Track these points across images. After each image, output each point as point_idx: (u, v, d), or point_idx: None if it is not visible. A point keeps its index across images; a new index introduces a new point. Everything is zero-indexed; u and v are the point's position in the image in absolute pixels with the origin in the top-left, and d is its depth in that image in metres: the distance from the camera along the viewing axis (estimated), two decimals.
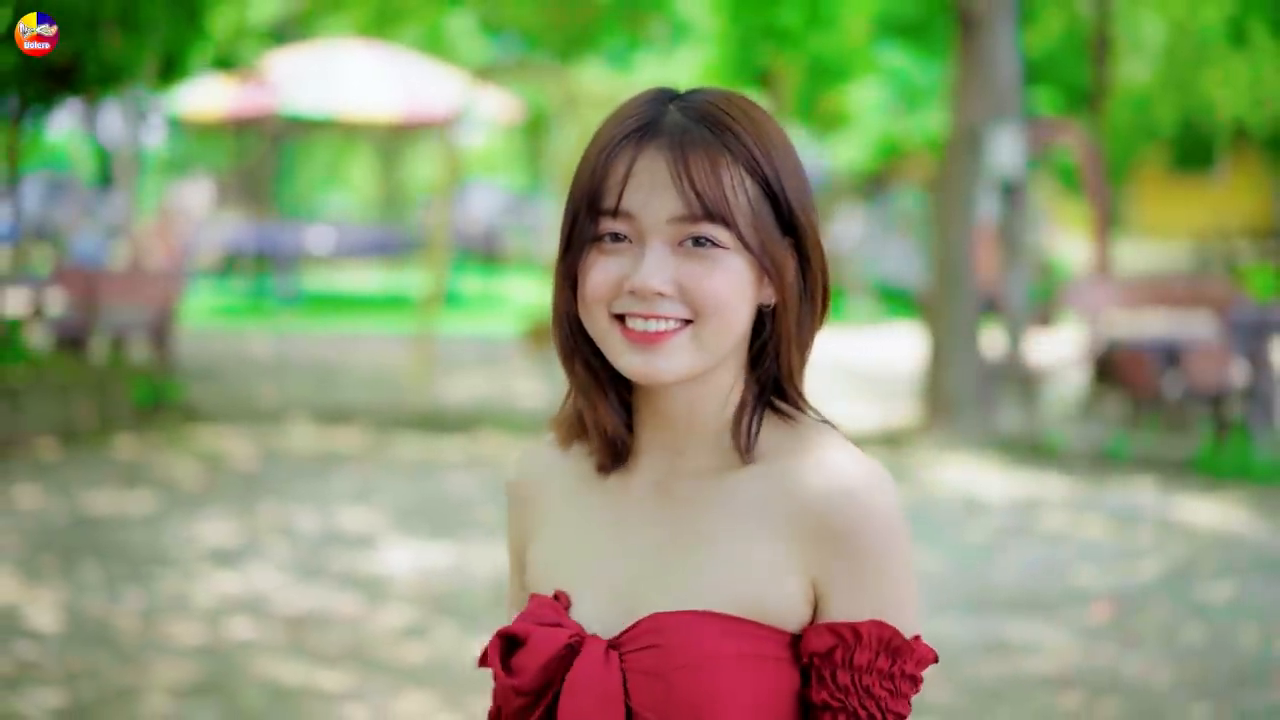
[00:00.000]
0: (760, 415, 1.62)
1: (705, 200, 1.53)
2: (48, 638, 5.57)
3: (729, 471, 1.60)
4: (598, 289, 1.56)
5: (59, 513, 7.56)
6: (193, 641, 5.57)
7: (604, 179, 1.56)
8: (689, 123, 1.56)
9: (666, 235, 1.54)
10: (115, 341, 11.28)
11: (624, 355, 1.56)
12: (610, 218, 1.56)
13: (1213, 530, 7.72)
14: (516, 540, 1.73)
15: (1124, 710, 5.04)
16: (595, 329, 1.58)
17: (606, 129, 1.60)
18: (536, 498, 1.70)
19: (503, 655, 1.59)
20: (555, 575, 1.64)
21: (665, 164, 1.54)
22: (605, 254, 1.57)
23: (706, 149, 1.54)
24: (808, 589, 1.54)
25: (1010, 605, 6.29)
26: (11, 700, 4.90)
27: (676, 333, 1.54)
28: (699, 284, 1.53)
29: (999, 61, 10.43)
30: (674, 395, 1.60)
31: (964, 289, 10.38)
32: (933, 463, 9.46)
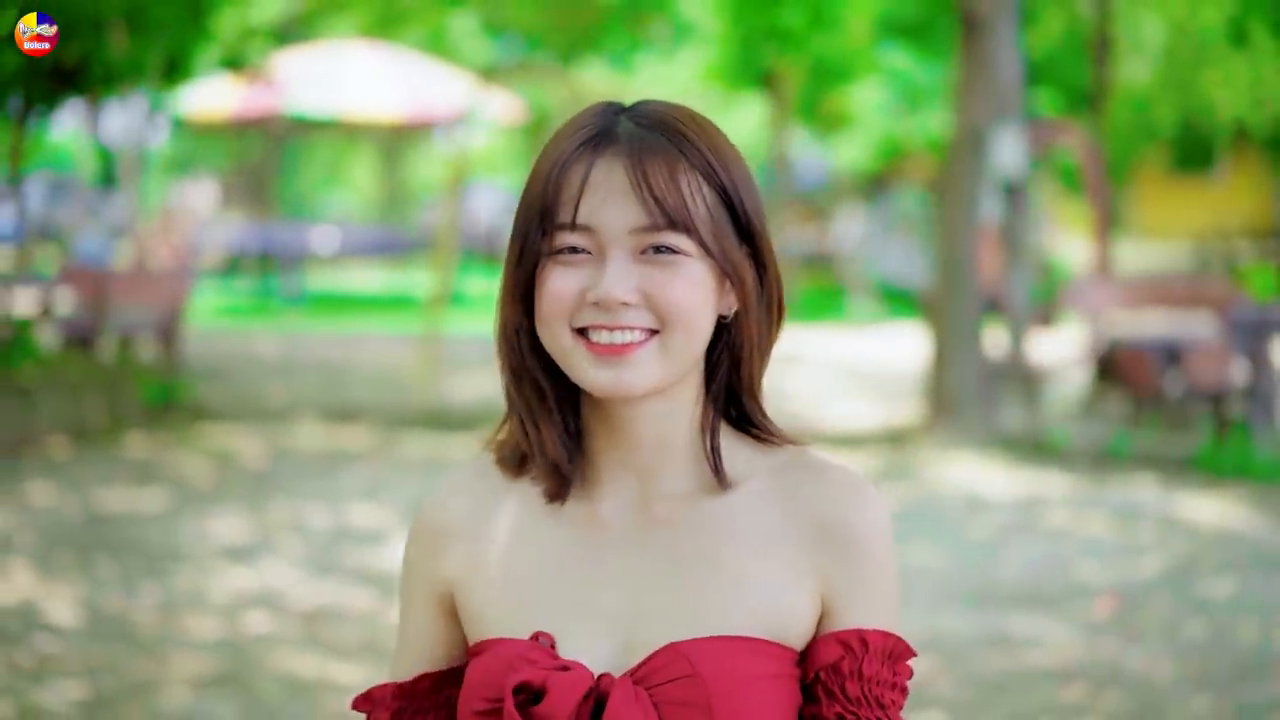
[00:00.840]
0: (717, 429, 1.59)
1: (665, 208, 1.50)
2: (67, 632, 5.66)
3: (713, 494, 1.58)
4: (559, 302, 1.52)
5: (73, 510, 7.66)
6: (210, 635, 5.66)
7: (558, 191, 1.52)
8: (643, 131, 1.53)
9: (627, 246, 1.51)
10: (123, 341, 11.37)
11: (590, 371, 1.52)
12: (568, 231, 1.52)
13: (1213, 527, 7.81)
14: (432, 578, 1.63)
15: (1126, 703, 5.12)
16: (556, 345, 1.54)
17: (556, 142, 1.56)
18: (469, 535, 1.61)
19: (519, 707, 1.50)
20: (526, 617, 1.56)
21: (622, 172, 1.51)
22: (564, 266, 1.52)
23: (664, 156, 1.51)
24: (817, 602, 1.55)
25: (1013, 600, 6.37)
26: (35, 692, 4.99)
27: (643, 344, 1.51)
28: (663, 292, 1.50)
29: (1001, 63, 10.51)
30: (639, 414, 1.56)
31: (967, 289, 10.47)
32: (936, 461, 9.55)
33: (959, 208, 10.50)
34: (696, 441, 1.58)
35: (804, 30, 18.45)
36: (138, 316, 11.51)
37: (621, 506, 1.58)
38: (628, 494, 1.58)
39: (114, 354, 11.13)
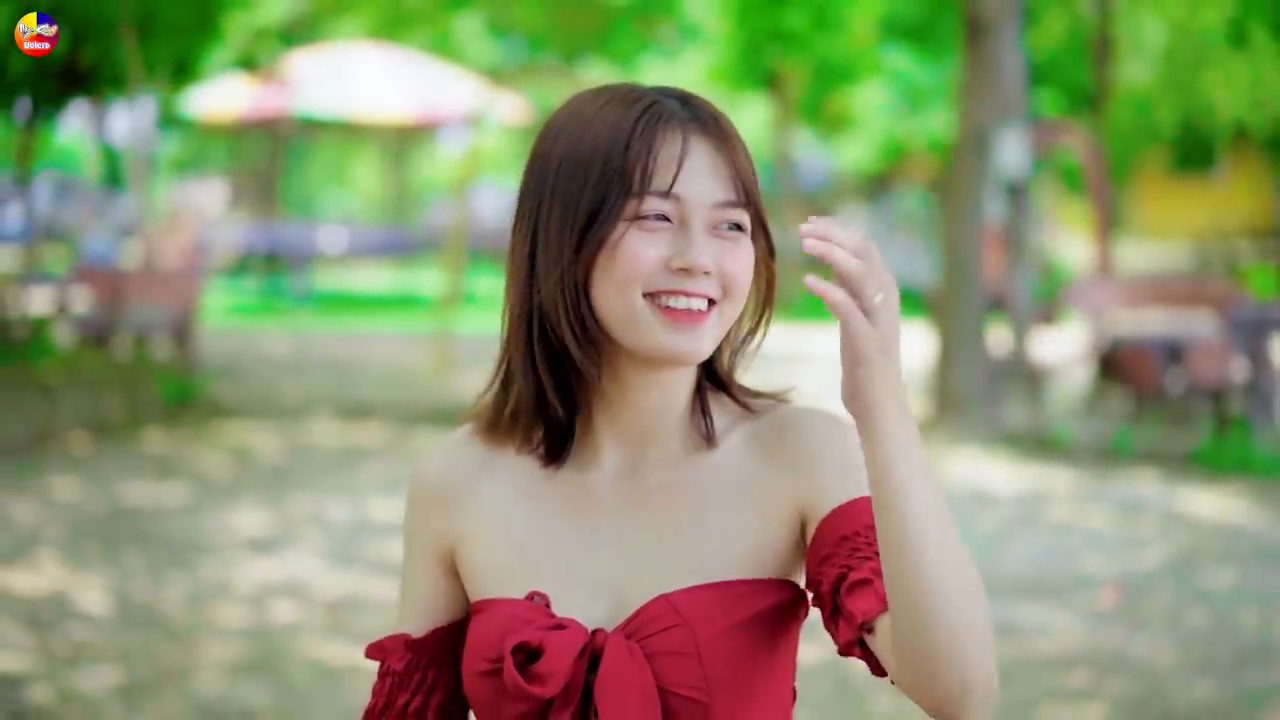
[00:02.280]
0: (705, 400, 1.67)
1: (744, 185, 1.60)
2: (99, 620, 5.81)
3: (698, 454, 1.64)
4: (640, 266, 1.56)
5: (97, 503, 7.81)
6: (238, 624, 5.82)
7: (653, 158, 1.56)
8: (713, 113, 1.61)
9: (707, 218, 1.58)
10: (138, 339, 11.53)
11: (661, 335, 1.57)
12: (660, 198, 1.57)
13: (1214, 520, 7.96)
14: (431, 540, 1.69)
15: (1130, 689, 5.28)
16: (624, 306, 1.57)
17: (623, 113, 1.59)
18: (462, 498, 1.67)
19: (518, 667, 1.56)
20: (521, 578, 1.61)
21: (710, 147, 1.59)
22: (647, 232, 1.57)
23: (738, 137, 1.62)
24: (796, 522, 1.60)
25: (1019, 591, 6.53)
26: (73, 678, 5.14)
27: (708, 314, 1.58)
28: (732, 265, 1.59)
29: (1005, 65, 10.67)
30: (651, 384, 1.63)
31: (970, 288, 10.63)
32: (941, 457, 9.70)
33: (962, 208, 10.66)
34: (687, 409, 1.66)
35: (808, 32, 18.60)
36: (152, 315, 11.68)
37: (614, 474, 1.64)
38: (623, 461, 1.64)
39: (129, 352, 11.29)
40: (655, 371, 1.61)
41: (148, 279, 12.35)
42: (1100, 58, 19.12)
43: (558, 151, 1.60)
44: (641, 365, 1.61)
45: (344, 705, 4.99)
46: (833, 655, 5.38)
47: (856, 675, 5.35)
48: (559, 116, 1.63)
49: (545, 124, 1.65)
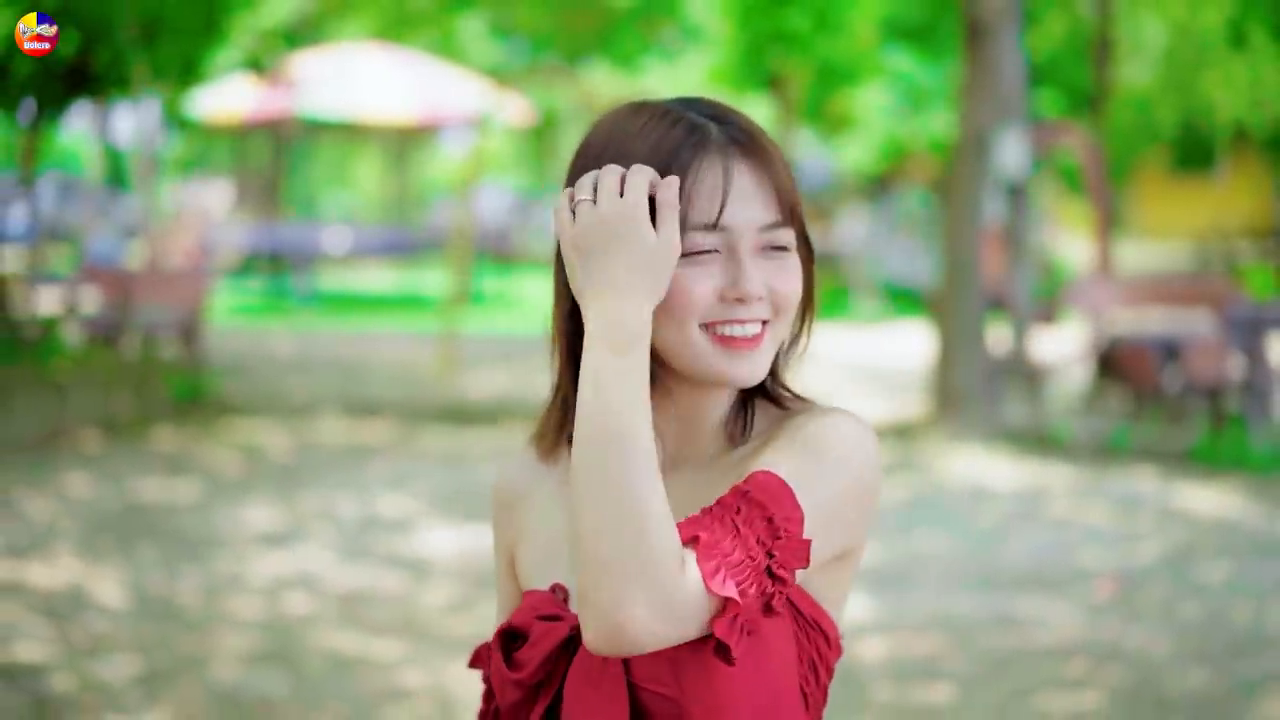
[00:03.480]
0: (752, 403, 1.70)
1: (786, 205, 1.62)
2: (116, 612, 5.94)
3: (726, 454, 1.68)
4: (697, 302, 1.58)
5: (110, 499, 7.94)
6: (253, 615, 5.94)
7: (693, 190, 1.58)
8: (749, 131, 1.61)
9: (753, 242, 1.60)
10: (146, 339, 11.66)
11: (723, 362, 1.59)
12: (705, 231, 1.58)
13: (1210, 516, 8.08)
14: (505, 542, 1.78)
15: (1125, 678, 5.40)
16: (683, 340, 1.59)
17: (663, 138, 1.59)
18: (522, 502, 1.75)
19: (504, 650, 1.64)
20: (550, 571, 1.69)
21: (752, 171, 1.60)
22: (698, 267, 1.58)
23: (778, 155, 1.62)
24: None
25: (1018, 583, 6.65)
26: (93, 668, 5.27)
27: (763, 337, 1.61)
28: (782, 286, 1.62)
29: (1005, 66, 10.78)
30: (698, 400, 1.66)
31: (971, 288, 10.75)
32: (942, 454, 9.83)
33: (963, 208, 10.78)
34: (725, 413, 1.69)
35: (809, 33, 18.70)
36: (160, 315, 11.79)
37: None
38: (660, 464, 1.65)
39: (138, 351, 11.42)
40: (703, 385, 1.64)
41: (155, 279, 12.46)
42: (1100, 58, 19.22)
43: None
44: (694, 386, 1.65)
45: (357, 693, 5.11)
46: None
47: (858, 665, 5.47)
48: (598, 136, 1.63)
49: (584, 143, 1.65)
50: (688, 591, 1.46)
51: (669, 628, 1.46)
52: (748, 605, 1.48)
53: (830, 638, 1.62)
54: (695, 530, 1.50)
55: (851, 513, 1.59)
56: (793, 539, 1.51)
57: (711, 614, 1.47)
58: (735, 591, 1.47)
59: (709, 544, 1.48)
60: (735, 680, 1.53)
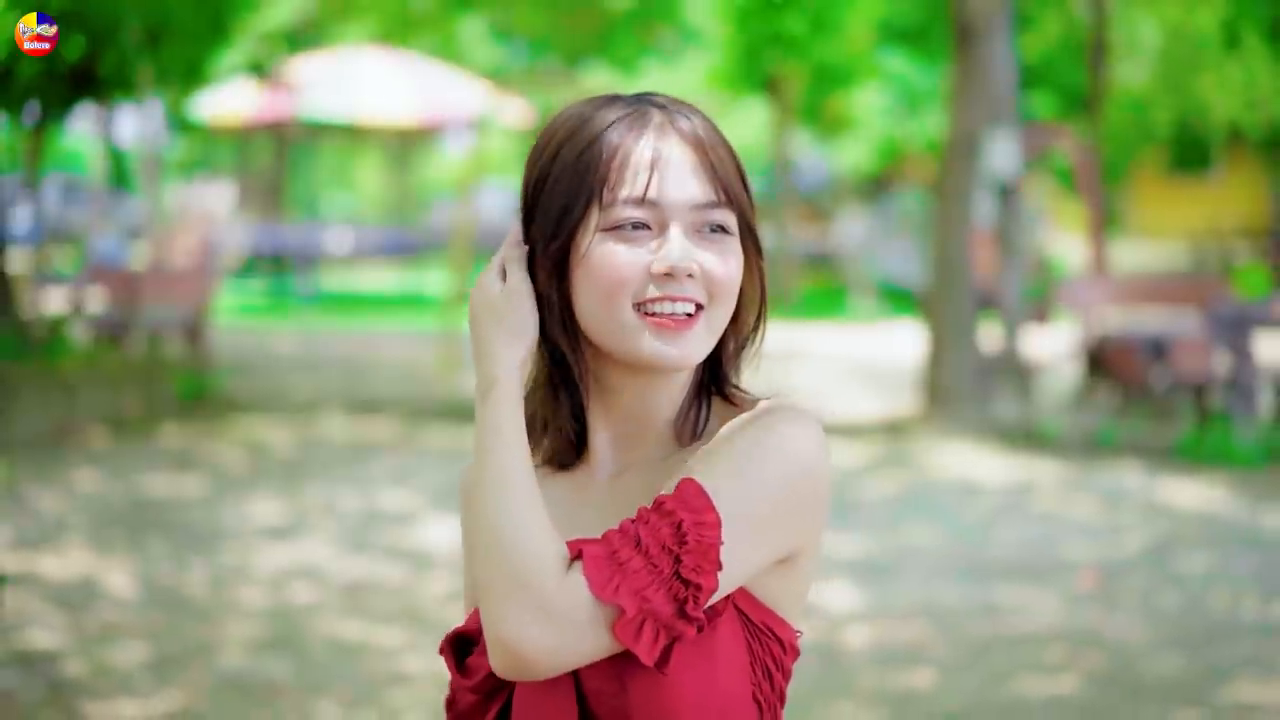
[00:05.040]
0: (709, 402, 1.68)
1: (725, 186, 1.59)
2: (126, 601, 6.13)
3: (677, 455, 1.65)
4: (625, 275, 1.57)
5: (119, 494, 8.13)
6: (259, 604, 6.14)
7: (622, 167, 1.57)
8: (694, 118, 1.62)
9: (687, 221, 1.58)
10: (152, 338, 11.85)
11: (652, 343, 1.57)
12: (635, 205, 1.57)
13: (1193, 509, 8.27)
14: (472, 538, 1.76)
15: (1102, 662, 5.59)
16: (613, 319, 1.58)
17: (597, 120, 1.60)
18: None
19: (456, 655, 1.62)
20: None
21: (687, 151, 1.59)
22: (626, 242, 1.57)
23: (721, 140, 1.61)
24: None
25: (1002, 574, 6.84)
26: (105, 653, 5.46)
27: (696, 319, 1.59)
28: (716, 267, 1.59)
29: (996, 69, 10.97)
30: (638, 390, 1.63)
31: (962, 286, 10.95)
32: (932, 450, 10.02)
33: (954, 209, 10.98)
34: (676, 411, 1.66)
35: (806, 36, 18.91)
36: (165, 315, 11.99)
37: (604, 475, 1.67)
38: (610, 463, 1.67)
39: (144, 350, 11.61)
40: (642, 377, 1.62)
41: (161, 279, 12.66)
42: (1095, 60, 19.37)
43: (542, 165, 1.63)
44: (628, 372, 1.62)
45: (360, 678, 5.30)
46: (823, 633, 5.73)
47: (844, 653, 5.66)
48: (548, 130, 1.65)
49: (537, 138, 1.66)
50: (571, 602, 1.47)
51: (559, 640, 1.48)
52: (656, 611, 1.48)
53: (785, 641, 1.60)
54: (590, 545, 1.51)
55: (790, 516, 1.56)
56: (703, 542, 1.49)
57: (608, 623, 1.48)
58: (633, 603, 1.47)
59: (598, 555, 1.50)
60: (683, 687, 1.52)
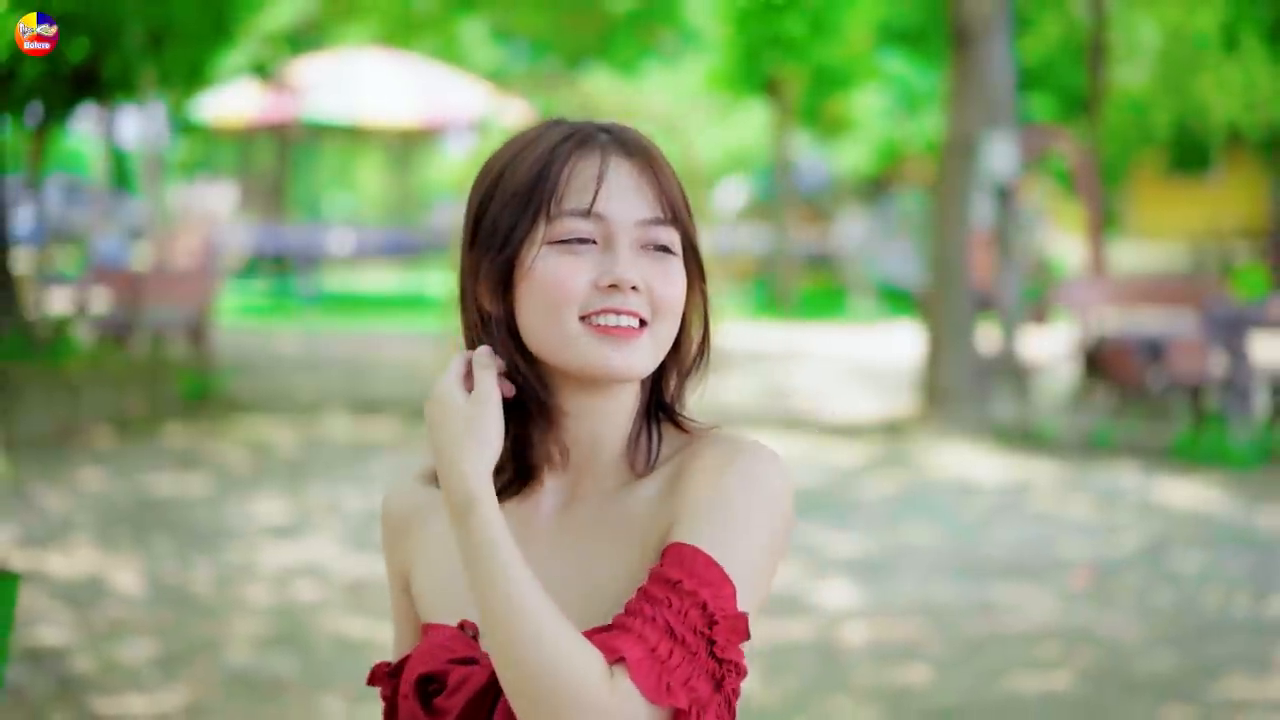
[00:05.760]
0: (659, 428, 1.66)
1: (670, 203, 1.61)
2: (133, 599, 6.21)
3: (628, 487, 1.62)
4: (570, 288, 1.56)
5: (124, 493, 8.22)
6: (264, 602, 6.22)
7: (568, 181, 1.58)
8: (637, 138, 1.63)
9: (632, 237, 1.58)
10: (155, 338, 11.94)
11: (599, 350, 1.56)
12: (580, 218, 1.57)
13: (1188, 509, 8.35)
14: (399, 568, 1.72)
15: (1096, 659, 5.67)
16: (559, 332, 1.57)
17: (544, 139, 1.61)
18: (417, 530, 1.70)
19: (421, 695, 1.58)
20: (453, 604, 1.62)
21: (632, 168, 1.60)
22: (571, 255, 1.57)
23: (667, 163, 1.63)
24: None
25: (998, 572, 6.92)
26: (113, 649, 5.55)
27: (641, 332, 1.58)
28: (660, 286, 1.59)
29: (993, 72, 11.06)
30: (585, 411, 1.62)
31: (960, 288, 11.04)
32: (930, 450, 10.10)
33: (952, 210, 11.07)
34: (625, 437, 1.64)
35: (806, 38, 18.99)
36: (169, 315, 12.08)
37: (550, 505, 1.64)
38: (557, 493, 1.64)
39: (147, 350, 11.70)
40: (589, 397, 1.61)
41: (164, 280, 12.75)
42: (1095, 61, 19.44)
43: (488, 187, 1.62)
44: (576, 391, 1.61)
45: (364, 674, 5.35)
46: (819, 631, 5.83)
47: (841, 650, 5.74)
48: (494, 156, 1.65)
49: (483, 166, 1.66)
50: (629, 712, 1.45)
51: None
52: (702, 697, 1.49)
53: (741, 667, 1.56)
54: (623, 642, 1.48)
55: (774, 555, 1.57)
56: (729, 615, 1.49)
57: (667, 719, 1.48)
58: (685, 698, 1.47)
59: (640, 659, 1.47)
60: None
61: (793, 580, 6.56)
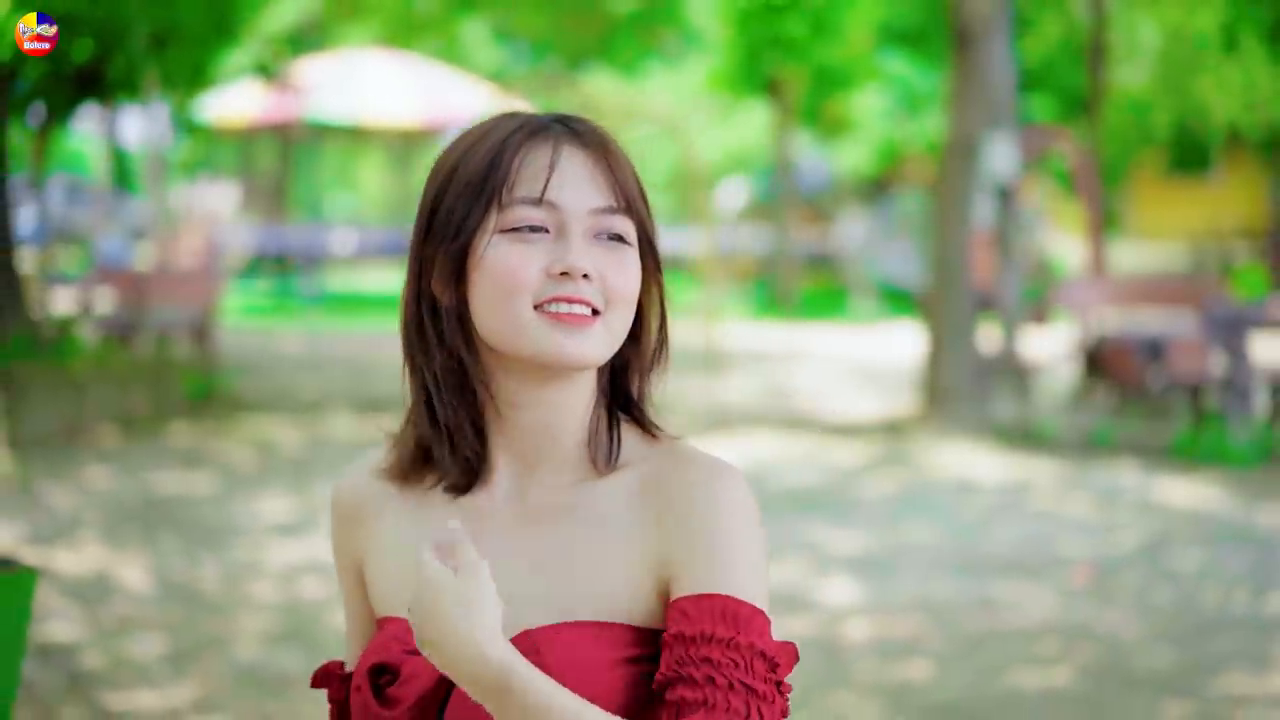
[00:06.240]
0: (618, 426, 1.64)
1: (624, 192, 1.59)
2: (142, 596, 6.27)
3: (588, 482, 1.61)
4: (523, 276, 1.55)
5: (130, 491, 8.27)
6: (271, 598, 6.27)
7: (519, 170, 1.57)
8: (592, 128, 1.62)
9: (585, 226, 1.57)
10: (160, 338, 12.00)
11: (553, 337, 1.55)
12: (532, 206, 1.56)
13: (1187, 507, 8.40)
14: (351, 558, 1.70)
15: (1095, 655, 5.72)
16: (513, 320, 1.56)
17: (497, 129, 1.61)
18: (370, 520, 1.68)
19: (374, 686, 1.57)
20: (406, 597, 1.57)
21: (586, 157, 1.59)
22: (523, 244, 1.56)
23: (623, 153, 1.62)
24: (660, 580, 1.56)
25: (998, 570, 6.97)
26: (123, 646, 5.60)
27: (594, 320, 1.56)
28: (614, 275, 1.58)
29: (994, 73, 11.11)
30: (538, 402, 1.60)
31: (961, 288, 11.09)
32: (931, 449, 10.15)
33: (952, 211, 11.12)
34: (583, 432, 1.63)
35: (807, 39, 19.04)
36: (173, 315, 12.14)
37: (504, 496, 1.62)
38: (511, 484, 1.62)
39: (152, 350, 11.76)
40: (543, 387, 1.60)
41: (168, 280, 12.81)
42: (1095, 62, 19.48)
43: (442, 180, 1.61)
44: (529, 381, 1.59)
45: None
46: (822, 627, 5.88)
47: (843, 646, 5.80)
48: (447, 150, 1.64)
49: (436, 160, 1.66)
50: None
51: None
52: None
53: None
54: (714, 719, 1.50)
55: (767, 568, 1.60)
56: (778, 649, 1.54)
57: None
58: None
59: None
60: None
61: (795, 577, 6.62)
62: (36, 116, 11.57)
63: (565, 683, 1.50)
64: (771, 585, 1.62)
